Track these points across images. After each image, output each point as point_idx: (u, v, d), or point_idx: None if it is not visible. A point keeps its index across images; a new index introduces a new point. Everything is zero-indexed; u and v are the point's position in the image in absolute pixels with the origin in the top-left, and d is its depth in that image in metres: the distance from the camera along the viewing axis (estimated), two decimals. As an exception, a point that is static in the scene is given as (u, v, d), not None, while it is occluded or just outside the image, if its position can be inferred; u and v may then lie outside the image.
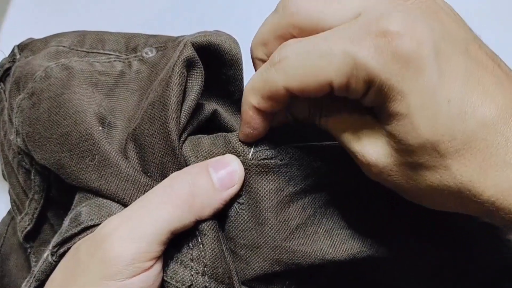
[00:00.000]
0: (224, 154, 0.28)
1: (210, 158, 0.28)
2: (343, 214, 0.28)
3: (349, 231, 0.28)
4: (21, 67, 0.32)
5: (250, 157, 0.27)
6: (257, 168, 0.27)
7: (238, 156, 0.27)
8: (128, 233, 0.24)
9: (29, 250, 0.35)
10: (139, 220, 0.24)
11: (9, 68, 0.35)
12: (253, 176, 0.27)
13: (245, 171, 0.27)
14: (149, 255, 0.24)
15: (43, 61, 0.32)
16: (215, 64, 0.31)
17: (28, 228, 0.33)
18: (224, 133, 0.29)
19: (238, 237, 0.27)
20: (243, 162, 0.27)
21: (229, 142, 0.28)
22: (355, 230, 0.28)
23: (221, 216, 0.27)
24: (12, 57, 0.36)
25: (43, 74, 0.30)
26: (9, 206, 0.39)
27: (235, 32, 0.33)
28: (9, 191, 0.37)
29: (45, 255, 0.27)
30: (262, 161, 0.27)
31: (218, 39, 0.30)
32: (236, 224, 0.27)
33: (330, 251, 0.27)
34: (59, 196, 0.32)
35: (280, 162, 0.27)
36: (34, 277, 0.27)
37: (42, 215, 0.34)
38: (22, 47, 0.36)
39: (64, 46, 0.34)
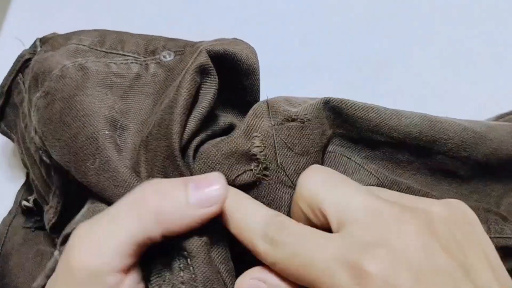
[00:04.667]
0: (226, 160, 0.27)
1: (216, 169, 0.27)
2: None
3: None
4: (39, 62, 0.32)
5: (271, 122, 0.28)
6: (282, 131, 0.27)
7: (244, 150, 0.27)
8: (90, 245, 0.23)
9: (56, 240, 0.35)
10: (102, 230, 0.23)
11: (28, 60, 0.36)
12: (280, 140, 0.27)
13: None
14: (112, 267, 0.23)
15: (61, 59, 0.32)
16: (231, 73, 0.30)
17: (53, 220, 0.34)
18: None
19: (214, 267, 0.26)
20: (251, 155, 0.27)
21: (232, 140, 0.28)
22: None
23: None
24: (33, 49, 0.36)
25: (59, 73, 0.30)
26: (9, 207, 0.40)
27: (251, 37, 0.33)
28: (32, 179, 0.37)
29: (55, 252, 0.27)
30: (287, 123, 0.28)
31: (234, 48, 0.30)
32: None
33: None
34: (79, 192, 0.32)
35: (302, 125, 0.28)
36: (45, 273, 0.27)
37: (65, 208, 0.34)
38: (44, 41, 0.36)
39: (84, 45, 0.34)
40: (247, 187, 0.27)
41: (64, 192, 0.33)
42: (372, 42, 0.48)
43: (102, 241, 0.23)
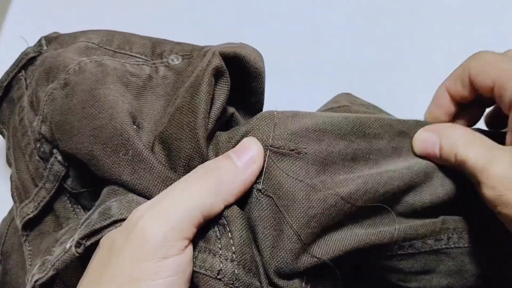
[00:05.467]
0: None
1: (230, 148, 0.29)
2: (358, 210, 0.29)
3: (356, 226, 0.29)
4: (52, 58, 0.33)
5: (270, 142, 0.28)
6: (277, 156, 0.28)
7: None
8: (159, 214, 0.25)
9: (24, 238, 0.34)
10: (169, 202, 0.25)
11: (33, 58, 0.36)
12: (273, 163, 0.28)
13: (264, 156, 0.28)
14: (181, 233, 0.24)
15: (74, 55, 0.33)
16: (239, 75, 0.32)
17: (31, 215, 0.33)
18: (238, 126, 0.30)
19: (258, 226, 0.28)
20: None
21: (245, 131, 0.29)
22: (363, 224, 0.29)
23: (242, 206, 0.28)
24: (38, 47, 0.36)
25: (77, 68, 0.31)
26: (9, 207, 0.39)
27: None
28: (11, 177, 0.37)
29: (67, 246, 0.27)
30: (282, 150, 0.28)
31: (244, 51, 0.31)
32: (256, 211, 0.28)
33: (339, 244, 0.28)
34: (75, 189, 0.33)
35: (297, 155, 0.28)
36: (53, 265, 0.27)
37: (48, 205, 0.33)
38: (50, 40, 0.36)
39: (93, 43, 0.35)
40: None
41: (56, 186, 0.33)
42: (373, 43, 0.50)
43: (171, 210, 0.25)
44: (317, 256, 0.28)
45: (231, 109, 0.33)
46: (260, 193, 0.28)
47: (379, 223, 0.30)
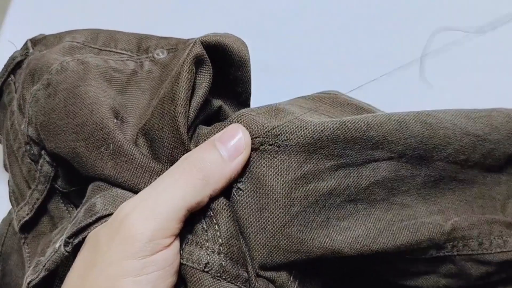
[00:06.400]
0: None
1: None
2: (343, 205, 0.28)
3: (345, 222, 0.28)
4: (36, 59, 0.33)
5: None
6: (257, 153, 0.27)
7: None
8: (146, 211, 0.24)
9: (23, 241, 0.35)
10: (155, 199, 0.25)
11: (20, 61, 0.36)
12: (253, 160, 0.27)
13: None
14: (168, 231, 0.24)
15: (58, 55, 0.33)
16: (223, 64, 0.32)
17: (27, 218, 0.34)
18: (219, 123, 0.30)
19: (239, 223, 0.27)
20: None
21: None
22: (352, 222, 0.28)
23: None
24: (24, 50, 0.37)
25: (59, 67, 0.31)
26: (9, 207, 0.40)
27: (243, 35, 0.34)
28: (8, 181, 0.37)
29: (57, 245, 0.27)
30: (261, 146, 0.27)
31: (227, 39, 0.31)
32: (237, 211, 0.27)
33: (327, 240, 0.27)
34: (65, 188, 0.33)
35: (277, 149, 0.27)
36: (44, 266, 0.27)
37: (42, 207, 0.34)
38: (35, 42, 0.37)
39: (78, 42, 0.35)
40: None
41: (48, 188, 0.33)
42: (371, 42, 0.49)
43: (157, 208, 0.24)
44: (303, 253, 0.27)
45: (219, 102, 0.33)
46: (240, 192, 0.27)
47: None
